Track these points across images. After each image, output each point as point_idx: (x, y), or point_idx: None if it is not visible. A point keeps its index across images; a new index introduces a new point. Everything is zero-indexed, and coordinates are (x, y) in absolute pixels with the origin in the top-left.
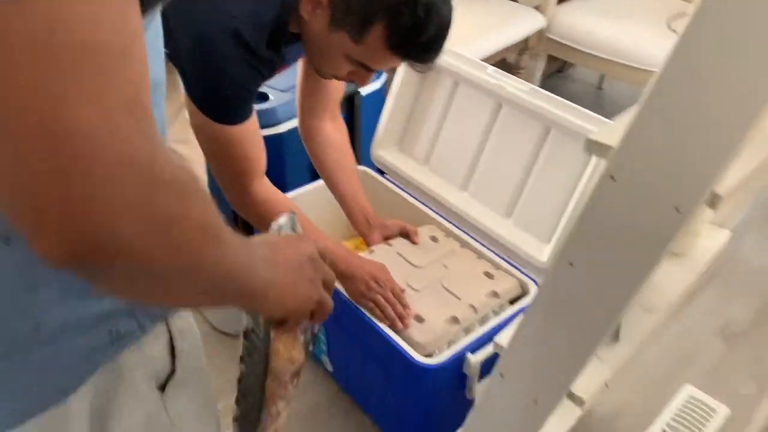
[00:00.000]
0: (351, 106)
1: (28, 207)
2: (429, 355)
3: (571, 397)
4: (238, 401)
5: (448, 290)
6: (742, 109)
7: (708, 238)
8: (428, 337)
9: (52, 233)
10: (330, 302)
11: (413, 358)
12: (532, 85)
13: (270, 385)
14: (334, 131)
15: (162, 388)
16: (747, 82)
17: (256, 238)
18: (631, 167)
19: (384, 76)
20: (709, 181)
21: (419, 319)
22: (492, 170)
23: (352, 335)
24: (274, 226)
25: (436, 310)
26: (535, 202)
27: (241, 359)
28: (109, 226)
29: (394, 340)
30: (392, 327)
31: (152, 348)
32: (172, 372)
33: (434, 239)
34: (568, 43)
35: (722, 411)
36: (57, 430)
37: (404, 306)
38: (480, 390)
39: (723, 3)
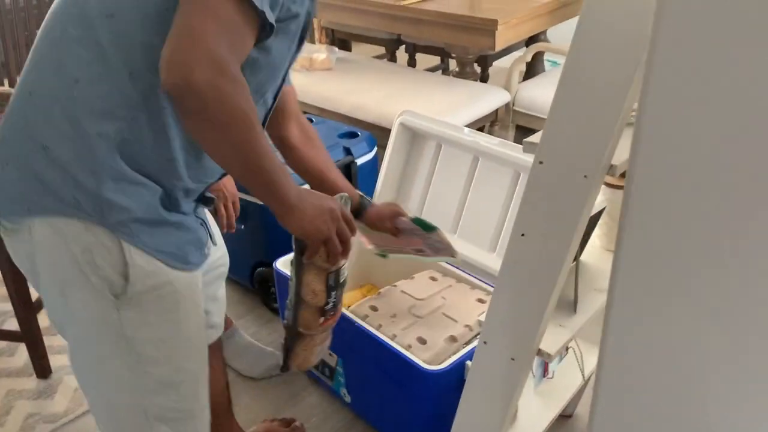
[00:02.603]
0: (348, 174)
1: (170, 63)
2: None
3: (540, 353)
4: (286, 326)
5: (446, 315)
6: (610, 112)
7: None
8: (429, 354)
9: (170, 73)
10: (338, 246)
11: (419, 364)
12: (501, 139)
13: (303, 314)
14: (299, 133)
15: None
16: (607, 102)
17: (304, 187)
18: (551, 152)
19: (375, 149)
20: (603, 153)
21: (422, 341)
22: (476, 213)
23: (366, 356)
24: (337, 197)
25: (437, 332)
26: None
27: (290, 279)
28: (194, 77)
29: (402, 353)
30: None
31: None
32: None
33: (433, 279)
34: (530, 113)
35: None
36: (195, 283)
37: None
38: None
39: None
